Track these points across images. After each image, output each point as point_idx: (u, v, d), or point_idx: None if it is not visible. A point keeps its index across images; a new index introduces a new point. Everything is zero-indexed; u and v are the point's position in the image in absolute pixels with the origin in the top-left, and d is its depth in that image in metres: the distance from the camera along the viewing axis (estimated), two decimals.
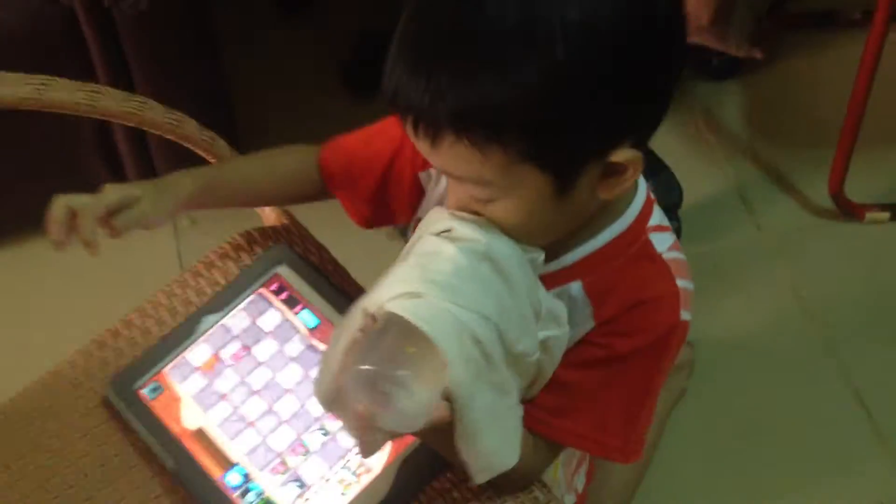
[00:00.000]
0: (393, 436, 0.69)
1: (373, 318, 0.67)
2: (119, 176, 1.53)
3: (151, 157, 1.51)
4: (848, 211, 1.53)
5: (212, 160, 0.98)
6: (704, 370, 1.38)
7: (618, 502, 1.25)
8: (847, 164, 1.50)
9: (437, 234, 0.71)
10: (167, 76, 1.39)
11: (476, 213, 0.70)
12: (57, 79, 0.85)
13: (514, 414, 0.73)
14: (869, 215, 1.53)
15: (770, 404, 1.37)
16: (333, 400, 0.70)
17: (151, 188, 0.84)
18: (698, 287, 0.80)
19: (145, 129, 0.92)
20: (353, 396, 0.65)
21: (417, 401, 0.64)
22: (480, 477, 0.72)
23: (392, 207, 0.90)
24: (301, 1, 1.86)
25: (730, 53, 1.63)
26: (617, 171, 0.67)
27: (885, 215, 1.53)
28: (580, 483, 1.07)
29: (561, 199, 0.68)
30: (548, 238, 0.73)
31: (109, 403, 0.90)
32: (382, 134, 0.89)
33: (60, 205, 0.79)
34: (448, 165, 0.67)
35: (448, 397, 0.67)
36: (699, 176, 1.58)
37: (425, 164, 0.85)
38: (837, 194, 1.52)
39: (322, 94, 1.73)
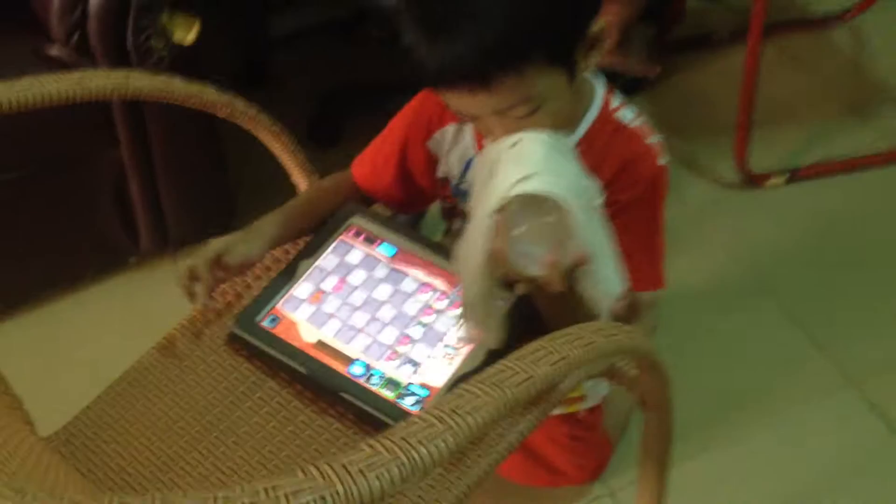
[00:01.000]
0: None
1: (502, 208, 0.88)
2: (135, 237, 1.71)
3: (165, 221, 1.70)
4: (752, 180, 1.86)
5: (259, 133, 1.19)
6: (666, 316, 1.64)
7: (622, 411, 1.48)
8: (746, 143, 1.83)
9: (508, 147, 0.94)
10: (180, 138, 1.62)
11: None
12: (176, 77, 1.06)
13: (615, 251, 0.95)
14: (769, 182, 1.86)
15: (724, 339, 1.64)
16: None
17: (243, 234, 1.08)
18: None
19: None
20: (524, 253, 0.88)
21: (569, 231, 0.87)
22: (606, 303, 0.93)
23: (418, 182, 1.14)
24: (262, 76, 2.10)
25: (632, 72, 1.96)
26: (594, 42, 0.93)
27: (782, 179, 1.86)
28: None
29: (571, 86, 0.93)
30: (570, 127, 0.98)
31: (235, 338, 1.08)
32: (390, 131, 1.14)
33: (182, 268, 1.04)
34: (502, 101, 0.90)
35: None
36: None
37: (429, 133, 1.10)
38: (743, 168, 1.85)
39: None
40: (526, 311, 0.99)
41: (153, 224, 1.69)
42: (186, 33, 1.47)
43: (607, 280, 0.94)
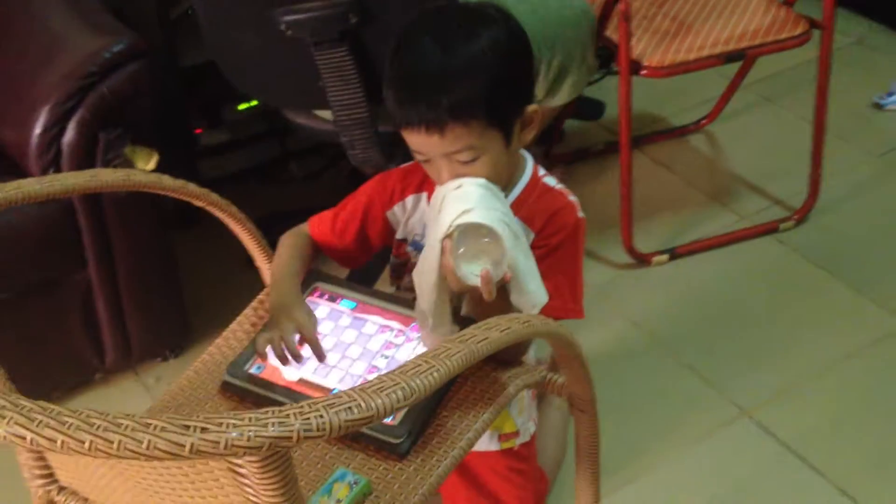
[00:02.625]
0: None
1: (449, 234, 1.13)
2: (101, 354, 1.88)
3: (130, 338, 1.89)
4: (640, 259, 2.15)
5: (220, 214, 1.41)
6: None
7: (554, 454, 1.69)
8: (631, 228, 2.14)
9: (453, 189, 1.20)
10: (142, 259, 1.83)
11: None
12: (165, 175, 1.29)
13: (538, 272, 1.20)
14: (654, 259, 2.16)
15: (634, 390, 1.89)
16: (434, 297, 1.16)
17: (300, 307, 1.26)
18: None
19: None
20: (465, 270, 1.11)
21: (500, 252, 1.11)
22: (535, 310, 1.17)
23: (372, 242, 1.38)
24: (194, 216, 2.32)
25: None
26: (529, 121, 1.22)
27: (665, 257, 2.16)
28: (535, 413, 1.52)
29: (507, 149, 1.21)
30: (502, 182, 1.24)
31: (228, 386, 1.27)
32: (352, 200, 1.39)
33: (276, 341, 1.20)
34: (451, 145, 1.17)
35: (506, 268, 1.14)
36: None
37: (392, 204, 1.36)
38: (630, 249, 2.15)
39: (235, 273, 2.17)
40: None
41: (119, 341, 1.86)
42: (147, 163, 1.70)
43: (532, 293, 1.18)
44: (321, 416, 0.79)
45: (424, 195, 1.34)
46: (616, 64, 2.05)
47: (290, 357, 1.20)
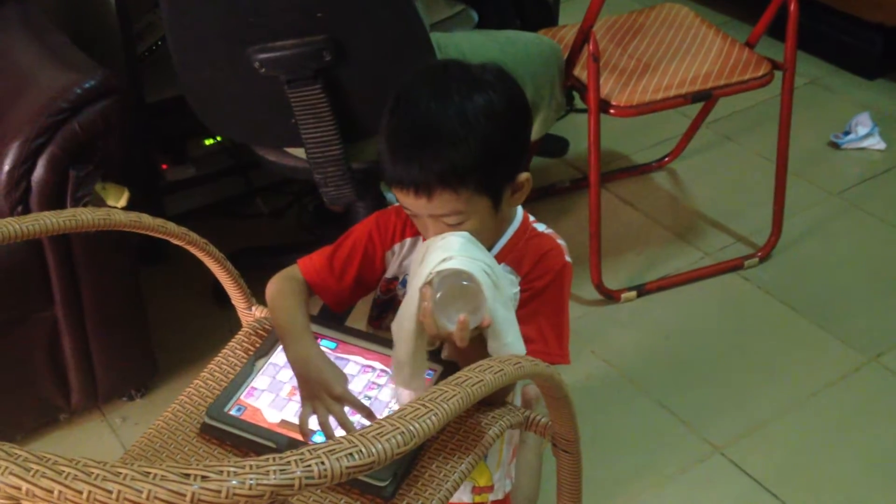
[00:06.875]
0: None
1: (428, 281, 1.13)
2: (66, 394, 1.84)
3: (96, 377, 1.85)
4: (609, 296, 2.17)
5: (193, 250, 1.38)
6: None
7: (528, 493, 1.68)
8: (599, 266, 2.15)
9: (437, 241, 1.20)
10: (110, 297, 1.79)
11: None
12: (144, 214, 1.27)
13: (517, 325, 1.20)
14: (623, 296, 2.17)
15: (608, 429, 1.89)
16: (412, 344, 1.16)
17: (330, 365, 1.21)
18: None
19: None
20: (442, 315, 1.11)
21: (480, 299, 1.11)
22: None
23: (368, 282, 1.37)
24: (159, 254, 2.29)
25: None
26: (519, 188, 1.23)
27: (633, 294, 2.18)
28: (513, 471, 1.51)
29: (496, 213, 1.22)
30: (489, 242, 1.25)
31: (207, 428, 1.25)
32: (349, 239, 1.37)
33: (328, 427, 1.17)
34: (438, 209, 1.18)
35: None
36: None
37: (392, 243, 1.35)
38: (599, 286, 2.16)
39: (201, 310, 2.15)
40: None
41: (84, 380, 1.82)
42: (118, 200, 1.68)
43: (509, 345, 1.18)
44: (323, 463, 0.78)
45: (421, 238, 1.34)
46: (584, 102, 2.07)
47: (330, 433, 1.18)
